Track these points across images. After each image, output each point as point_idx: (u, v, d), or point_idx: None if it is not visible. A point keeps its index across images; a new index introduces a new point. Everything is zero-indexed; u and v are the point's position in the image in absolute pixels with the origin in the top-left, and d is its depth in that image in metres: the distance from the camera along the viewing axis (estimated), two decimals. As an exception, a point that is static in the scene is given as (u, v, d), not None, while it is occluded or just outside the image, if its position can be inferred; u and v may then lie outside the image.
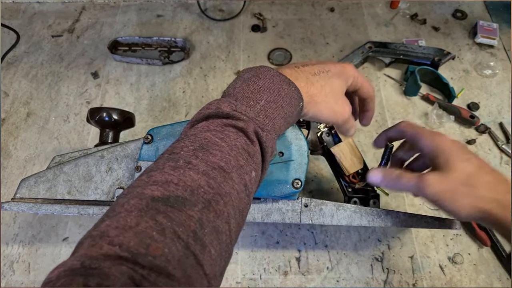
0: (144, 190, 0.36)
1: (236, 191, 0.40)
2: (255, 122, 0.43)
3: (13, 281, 0.76)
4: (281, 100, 0.45)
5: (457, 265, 0.76)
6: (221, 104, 0.43)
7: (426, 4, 1.19)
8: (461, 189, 0.49)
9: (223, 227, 0.37)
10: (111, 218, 0.34)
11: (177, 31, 1.15)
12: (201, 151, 0.39)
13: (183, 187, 0.36)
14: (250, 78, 0.46)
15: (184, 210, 0.35)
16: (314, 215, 0.62)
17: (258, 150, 0.44)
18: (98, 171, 0.63)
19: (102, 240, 0.31)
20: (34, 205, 0.62)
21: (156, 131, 0.62)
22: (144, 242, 0.31)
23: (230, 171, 0.40)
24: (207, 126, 0.42)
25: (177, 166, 0.38)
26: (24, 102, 1.01)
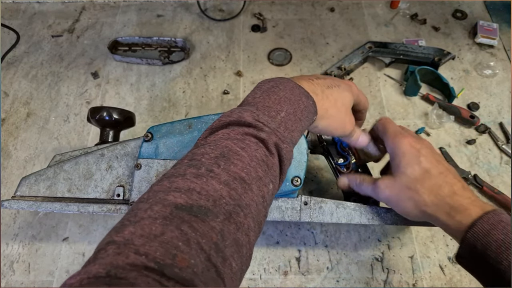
0: (167, 196, 0.35)
1: (255, 203, 0.40)
2: (276, 134, 0.43)
3: (13, 281, 0.76)
4: (300, 112, 0.46)
5: (457, 265, 0.76)
6: (243, 113, 0.43)
7: (426, 4, 1.19)
8: (406, 193, 0.53)
9: (243, 240, 0.37)
10: (134, 224, 0.33)
11: (177, 31, 1.15)
12: (222, 159, 0.39)
13: (205, 196, 0.36)
14: (270, 89, 0.47)
15: (207, 220, 0.34)
16: (314, 213, 0.62)
17: (276, 162, 0.43)
18: (98, 169, 0.63)
19: (128, 248, 0.30)
20: (34, 203, 0.62)
21: (156, 129, 0.62)
22: (170, 252, 0.31)
23: (250, 183, 0.39)
24: (227, 134, 0.42)
25: (199, 174, 0.37)
26: (24, 102, 1.01)
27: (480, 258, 0.47)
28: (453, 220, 0.50)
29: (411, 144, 0.54)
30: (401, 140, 0.55)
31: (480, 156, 0.89)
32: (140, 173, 0.60)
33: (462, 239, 0.49)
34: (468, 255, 0.49)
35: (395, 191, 0.54)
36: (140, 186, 0.60)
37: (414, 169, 0.53)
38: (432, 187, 0.52)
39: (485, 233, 0.47)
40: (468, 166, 0.88)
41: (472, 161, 0.88)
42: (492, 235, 0.46)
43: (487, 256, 0.46)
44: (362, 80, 1.03)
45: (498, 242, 0.46)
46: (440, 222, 0.52)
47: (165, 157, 0.60)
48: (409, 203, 0.53)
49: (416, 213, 0.53)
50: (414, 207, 0.53)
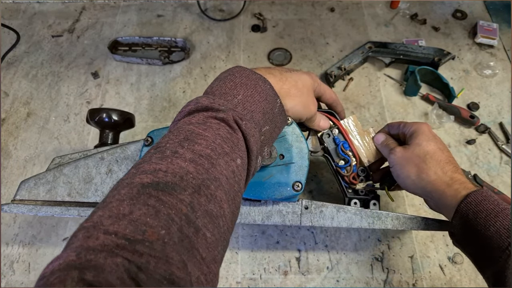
0: (133, 180, 0.36)
1: (225, 176, 0.40)
2: (234, 112, 0.44)
3: (13, 281, 0.76)
4: (257, 95, 0.47)
5: (457, 265, 0.76)
6: (199, 99, 0.45)
7: (426, 4, 1.19)
8: (415, 159, 0.58)
9: (217, 211, 0.37)
10: (102, 208, 0.33)
11: (177, 31, 1.15)
12: (186, 141, 0.40)
13: (172, 173, 0.36)
14: (226, 77, 0.48)
15: (175, 194, 0.35)
16: (315, 217, 0.62)
17: (241, 137, 0.45)
18: (98, 173, 0.63)
19: (97, 230, 0.30)
20: (34, 207, 0.62)
21: (156, 133, 0.62)
22: (139, 229, 0.31)
23: (217, 157, 0.40)
24: (189, 120, 0.43)
25: (164, 156, 0.38)
26: (24, 102, 1.01)
27: (470, 226, 0.51)
28: (451, 189, 0.55)
29: (429, 128, 0.61)
30: (423, 123, 0.62)
31: (480, 156, 0.89)
32: (140, 177, 0.60)
33: (457, 209, 0.53)
34: (460, 225, 0.53)
35: (405, 156, 0.59)
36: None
37: (429, 144, 0.58)
38: (439, 162, 0.57)
39: (477, 202, 0.51)
40: (468, 166, 0.88)
41: (472, 161, 0.89)
42: (483, 205, 0.51)
43: (476, 223, 0.51)
44: (362, 80, 1.03)
45: (488, 210, 0.50)
46: (437, 190, 0.56)
47: (165, 161, 0.60)
48: (413, 169, 0.58)
49: (415, 179, 0.58)
50: (416, 173, 0.57)
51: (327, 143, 0.66)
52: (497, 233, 0.48)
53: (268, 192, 0.57)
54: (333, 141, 0.66)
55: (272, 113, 0.49)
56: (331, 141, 0.67)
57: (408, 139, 0.62)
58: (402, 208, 0.83)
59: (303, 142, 0.58)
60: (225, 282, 0.76)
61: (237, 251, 0.79)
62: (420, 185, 0.58)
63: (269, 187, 0.57)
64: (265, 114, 0.48)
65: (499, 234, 0.48)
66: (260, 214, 0.62)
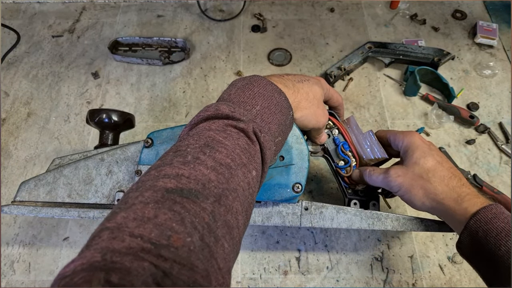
0: (157, 183, 0.36)
1: (242, 188, 0.41)
2: (254, 123, 0.45)
3: (14, 281, 0.76)
4: (273, 107, 0.48)
5: (457, 264, 0.76)
6: (219, 106, 0.45)
7: (426, 4, 1.19)
8: (418, 181, 0.56)
9: (233, 222, 0.38)
10: (125, 210, 0.33)
11: (178, 31, 1.15)
12: (207, 148, 0.40)
13: (194, 180, 0.36)
14: (244, 86, 0.48)
15: (198, 202, 0.35)
16: (314, 218, 0.62)
17: (258, 150, 0.45)
18: (98, 174, 0.63)
19: (122, 232, 0.30)
20: (34, 208, 0.62)
21: (156, 135, 0.62)
22: (165, 233, 0.31)
23: (236, 168, 0.40)
24: (208, 126, 0.43)
25: (186, 161, 0.38)
26: (25, 102, 1.01)
27: (479, 244, 0.50)
28: (460, 207, 0.53)
29: (421, 139, 0.59)
30: (413, 135, 0.59)
31: (480, 156, 0.89)
32: (140, 180, 0.60)
33: (465, 226, 0.51)
34: (469, 241, 0.51)
35: (407, 180, 0.56)
36: (140, 191, 0.60)
37: (427, 160, 0.56)
38: (443, 178, 0.55)
39: (487, 220, 0.49)
40: (468, 166, 0.88)
41: (472, 161, 0.89)
42: (493, 223, 0.49)
43: (487, 241, 0.49)
44: (361, 80, 1.03)
45: (499, 229, 0.48)
46: (447, 209, 0.54)
47: (166, 163, 0.60)
48: (420, 191, 0.55)
49: (424, 200, 0.56)
50: (424, 195, 0.55)
51: (327, 144, 0.66)
52: (508, 253, 0.47)
53: (268, 194, 0.57)
54: (333, 142, 0.66)
55: (285, 125, 0.50)
56: (331, 141, 0.67)
57: (403, 156, 0.60)
58: (401, 208, 0.83)
59: (303, 144, 0.59)
60: (225, 282, 0.76)
61: (237, 251, 0.79)
62: (431, 206, 0.56)
63: (269, 189, 0.57)
64: (279, 126, 0.49)
65: (511, 254, 0.46)
66: (260, 215, 0.62)
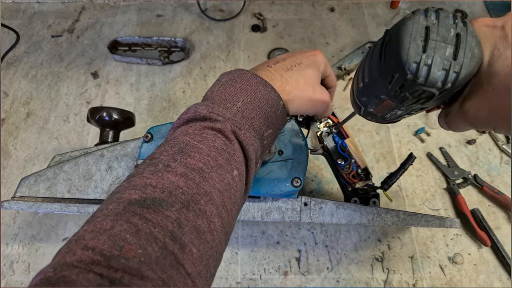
0: (123, 195, 0.36)
1: (217, 190, 0.40)
2: (232, 122, 0.44)
3: (13, 281, 0.76)
4: (258, 101, 0.47)
5: (457, 265, 0.76)
6: (198, 108, 0.45)
7: (426, 4, 1.19)
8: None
9: (205, 226, 0.37)
10: (88, 223, 0.34)
11: (177, 31, 1.15)
12: (180, 154, 0.40)
13: (161, 189, 0.37)
14: (227, 82, 0.48)
15: (161, 210, 0.35)
16: (314, 214, 0.62)
17: (238, 148, 0.44)
18: (98, 169, 0.63)
19: (77, 245, 0.31)
20: (34, 203, 0.62)
21: (156, 130, 0.62)
22: (117, 244, 0.31)
23: (209, 171, 0.40)
24: (186, 130, 0.43)
25: (156, 170, 0.39)
26: (24, 102, 1.00)
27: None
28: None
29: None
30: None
31: (480, 156, 0.89)
32: (140, 174, 0.60)
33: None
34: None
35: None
36: (140, 187, 0.60)
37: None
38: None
39: None
40: (468, 166, 0.88)
41: (472, 161, 0.88)
42: None
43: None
44: (362, 80, 1.03)
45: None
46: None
47: (165, 158, 0.60)
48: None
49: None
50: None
51: (326, 142, 0.66)
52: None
53: (267, 188, 0.57)
54: (333, 140, 0.66)
55: (275, 116, 0.49)
56: (330, 139, 0.66)
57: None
58: (402, 208, 0.82)
59: (302, 138, 0.58)
60: (225, 282, 0.75)
61: (237, 251, 0.78)
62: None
63: (268, 183, 0.57)
64: (267, 119, 0.47)
65: None
66: (260, 211, 0.62)
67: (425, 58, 0.31)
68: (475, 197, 0.84)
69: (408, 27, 0.32)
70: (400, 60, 0.32)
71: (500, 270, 0.75)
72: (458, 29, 0.32)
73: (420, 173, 0.87)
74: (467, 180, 0.85)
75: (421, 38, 0.32)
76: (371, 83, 0.39)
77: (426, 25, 0.32)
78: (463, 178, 0.86)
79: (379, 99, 0.39)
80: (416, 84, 0.32)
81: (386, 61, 0.34)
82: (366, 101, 0.42)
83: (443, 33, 0.32)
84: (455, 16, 0.33)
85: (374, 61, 0.37)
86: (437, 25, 0.32)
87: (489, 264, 0.76)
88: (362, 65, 0.41)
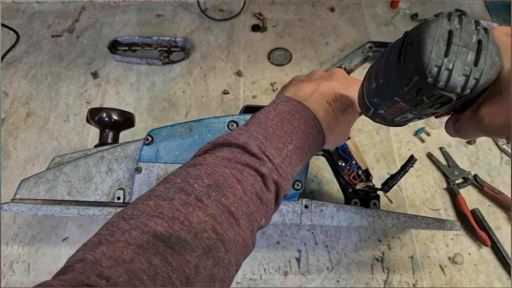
0: (149, 222, 0.35)
1: (241, 238, 0.39)
2: (278, 171, 0.43)
3: (13, 281, 0.76)
4: (307, 147, 0.46)
5: (457, 265, 0.76)
6: (250, 140, 0.42)
7: (427, 4, 1.19)
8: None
9: (219, 275, 0.36)
10: (108, 244, 0.33)
11: (177, 31, 1.15)
12: (215, 189, 0.38)
13: (187, 227, 0.35)
14: (285, 115, 0.46)
15: (183, 254, 0.34)
16: (315, 216, 0.62)
17: (272, 199, 0.43)
18: (98, 172, 0.63)
19: (93, 269, 0.30)
20: (34, 206, 0.62)
21: (156, 132, 0.62)
22: (133, 282, 0.30)
23: (238, 218, 0.39)
24: (228, 160, 0.41)
25: (187, 202, 0.37)
26: (24, 102, 1.00)
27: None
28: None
29: None
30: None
31: (481, 156, 0.89)
32: (140, 177, 0.60)
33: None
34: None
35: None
36: (140, 190, 0.60)
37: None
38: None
39: None
40: (469, 166, 0.88)
41: (473, 161, 0.88)
42: None
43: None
44: (362, 80, 1.03)
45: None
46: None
47: (166, 161, 0.60)
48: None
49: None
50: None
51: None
52: None
53: None
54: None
55: (309, 159, 0.49)
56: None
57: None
58: (402, 208, 0.83)
59: None
60: (225, 282, 0.75)
61: (237, 251, 0.78)
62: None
63: None
64: (303, 166, 0.48)
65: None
66: (260, 214, 0.62)
67: (447, 63, 0.31)
68: (475, 197, 0.84)
69: (431, 30, 0.32)
70: (421, 63, 0.31)
71: (500, 270, 0.75)
72: (480, 35, 0.32)
73: (420, 173, 0.87)
74: (467, 180, 0.85)
75: (443, 42, 0.31)
76: (385, 85, 0.38)
77: (449, 29, 0.32)
78: (463, 178, 0.86)
79: (392, 101, 0.38)
80: (436, 88, 0.32)
81: (405, 63, 0.33)
82: (378, 103, 0.41)
83: (466, 39, 0.32)
84: (477, 22, 0.33)
85: (391, 62, 0.36)
86: (459, 30, 0.32)
87: (489, 264, 0.76)
88: (375, 66, 0.40)
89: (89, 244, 0.33)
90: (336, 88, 0.50)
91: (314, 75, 0.53)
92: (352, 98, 0.51)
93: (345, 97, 0.50)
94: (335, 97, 0.50)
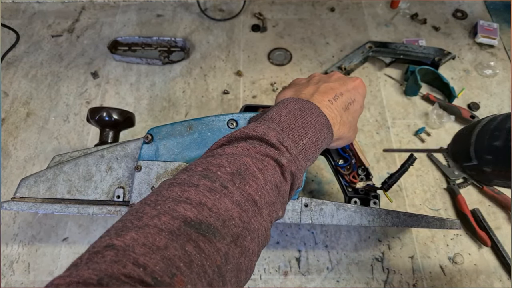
0: (177, 207, 0.34)
1: (264, 227, 0.39)
2: (296, 162, 0.43)
3: (13, 281, 0.76)
4: (320, 142, 0.47)
5: (458, 265, 0.76)
6: (268, 131, 0.43)
7: (427, 4, 1.19)
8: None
9: (245, 265, 0.36)
10: (137, 230, 0.31)
11: (177, 30, 1.15)
12: (238, 177, 0.38)
13: (216, 214, 0.35)
14: (297, 111, 0.47)
15: (213, 241, 0.33)
16: (314, 215, 0.62)
17: (288, 190, 0.43)
18: (98, 170, 0.63)
19: (126, 256, 0.29)
20: (34, 204, 0.62)
21: (156, 131, 0.62)
22: (170, 270, 0.29)
23: (261, 207, 0.39)
24: (247, 149, 0.41)
25: (213, 189, 0.36)
26: (24, 102, 1.00)
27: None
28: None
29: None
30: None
31: (480, 156, 0.89)
32: (140, 175, 0.60)
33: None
34: None
35: None
36: (140, 188, 0.59)
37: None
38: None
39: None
40: (468, 166, 0.87)
41: (472, 161, 0.88)
42: None
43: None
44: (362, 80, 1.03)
45: None
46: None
47: (166, 159, 0.60)
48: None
49: None
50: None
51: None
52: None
53: None
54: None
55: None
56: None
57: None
58: (402, 208, 0.82)
59: None
60: (225, 282, 0.75)
61: (237, 251, 0.78)
62: None
63: None
64: (314, 161, 0.48)
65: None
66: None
67: None
68: (475, 197, 0.84)
69: None
70: None
71: (500, 270, 0.75)
72: None
73: (420, 173, 0.87)
74: (467, 180, 0.85)
75: None
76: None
77: None
78: (463, 178, 0.86)
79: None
80: None
81: None
82: (490, 161, 0.36)
83: None
84: None
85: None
86: None
87: (489, 264, 0.76)
88: (506, 124, 0.35)
89: (114, 230, 0.32)
90: (335, 88, 0.52)
91: (313, 78, 0.55)
92: (351, 95, 0.53)
93: (345, 96, 0.52)
94: (336, 96, 0.51)
